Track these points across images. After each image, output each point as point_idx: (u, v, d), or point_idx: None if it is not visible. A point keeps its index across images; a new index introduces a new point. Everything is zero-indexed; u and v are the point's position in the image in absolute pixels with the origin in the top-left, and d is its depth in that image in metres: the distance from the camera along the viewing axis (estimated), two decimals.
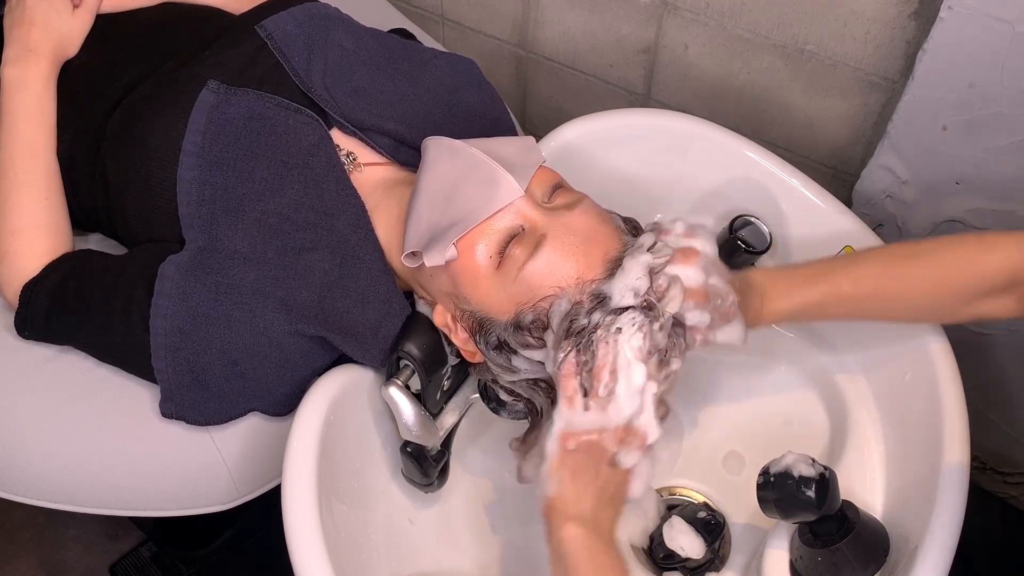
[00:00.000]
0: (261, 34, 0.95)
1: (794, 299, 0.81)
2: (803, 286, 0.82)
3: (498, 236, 0.75)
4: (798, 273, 0.83)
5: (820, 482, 0.73)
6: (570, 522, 0.71)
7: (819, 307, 0.82)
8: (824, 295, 0.81)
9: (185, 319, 0.82)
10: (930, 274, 0.78)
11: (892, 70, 1.05)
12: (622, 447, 0.72)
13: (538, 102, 1.45)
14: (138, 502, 0.90)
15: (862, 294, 0.80)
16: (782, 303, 0.81)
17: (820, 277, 0.82)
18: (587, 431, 0.72)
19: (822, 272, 0.82)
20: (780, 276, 0.83)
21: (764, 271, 0.84)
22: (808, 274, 0.82)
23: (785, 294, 0.81)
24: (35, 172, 0.91)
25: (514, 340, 0.76)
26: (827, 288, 0.81)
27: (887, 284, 0.80)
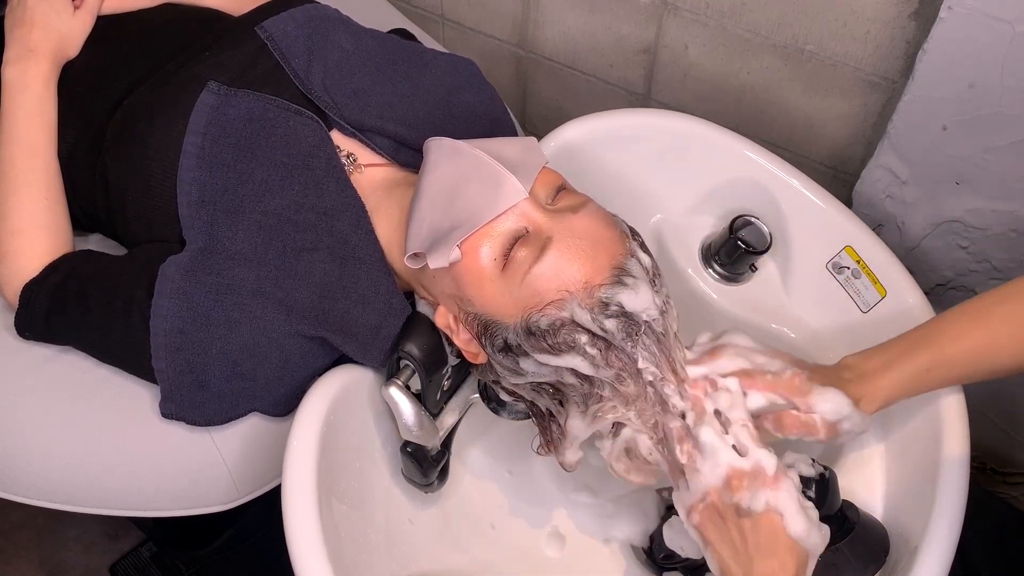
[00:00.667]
0: (261, 35, 0.95)
1: (896, 373, 0.76)
2: (903, 357, 0.76)
3: (502, 238, 0.75)
4: (892, 347, 0.78)
5: (820, 482, 0.73)
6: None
7: (925, 373, 0.76)
8: (927, 361, 0.76)
9: (185, 319, 0.82)
10: (1020, 312, 0.75)
11: (892, 70, 1.05)
12: (737, 494, 0.70)
13: (538, 102, 1.45)
14: (138, 502, 0.90)
15: (966, 352, 0.76)
16: (883, 380, 0.76)
17: (917, 345, 0.76)
18: (701, 498, 0.72)
19: (917, 340, 0.77)
20: (873, 354, 0.78)
21: (855, 354, 0.79)
22: (903, 345, 0.77)
23: (884, 369, 0.76)
24: (35, 172, 0.91)
25: (527, 344, 0.76)
26: (929, 355, 0.76)
27: (986, 334, 0.75)
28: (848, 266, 0.96)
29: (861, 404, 0.75)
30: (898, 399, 0.77)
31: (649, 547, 0.95)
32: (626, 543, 0.95)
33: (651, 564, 0.94)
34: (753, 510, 0.69)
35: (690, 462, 0.72)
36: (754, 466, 0.70)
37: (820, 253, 0.98)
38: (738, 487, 0.70)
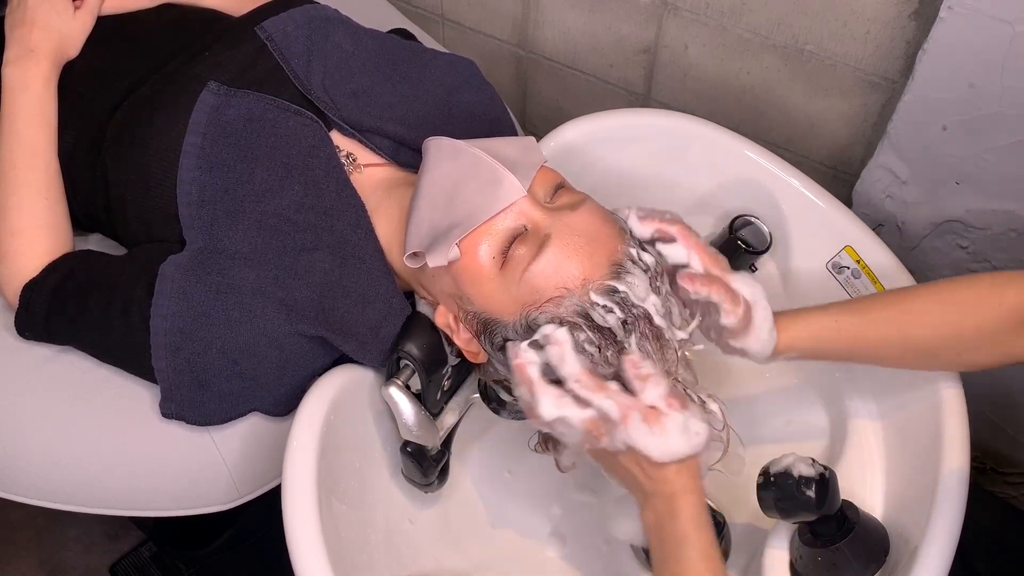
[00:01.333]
0: (261, 36, 0.95)
1: (809, 326, 0.79)
2: (815, 314, 0.80)
3: (501, 236, 0.75)
4: (810, 308, 0.81)
5: (820, 482, 0.73)
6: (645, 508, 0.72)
7: (835, 341, 0.79)
8: (838, 325, 0.79)
9: (185, 319, 0.82)
10: (948, 310, 0.77)
11: (892, 70, 1.05)
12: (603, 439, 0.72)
13: (538, 102, 1.45)
14: (138, 502, 0.90)
15: (881, 332, 0.78)
16: (794, 331, 0.79)
17: (834, 308, 0.80)
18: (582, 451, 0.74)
19: (836, 306, 0.80)
20: (791, 311, 0.81)
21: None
22: (819, 308, 0.80)
23: (797, 321, 0.79)
24: (35, 172, 0.91)
25: None
26: (847, 311, 0.79)
27: (906, 320, 0.78)
28: (848, 266, 0.96)
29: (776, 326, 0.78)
30: (806, 342, 0.79)
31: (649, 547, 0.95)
32: (626, 543, 0.95)
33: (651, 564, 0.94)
34: (619, 450, 0.71)
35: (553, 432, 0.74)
36: (599, 414, 0.71)
37: (820, 253, 0.98)
38: (599, 435, 0.71)
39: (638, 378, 0.71)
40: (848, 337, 0.79)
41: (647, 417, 0.69)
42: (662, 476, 0.70)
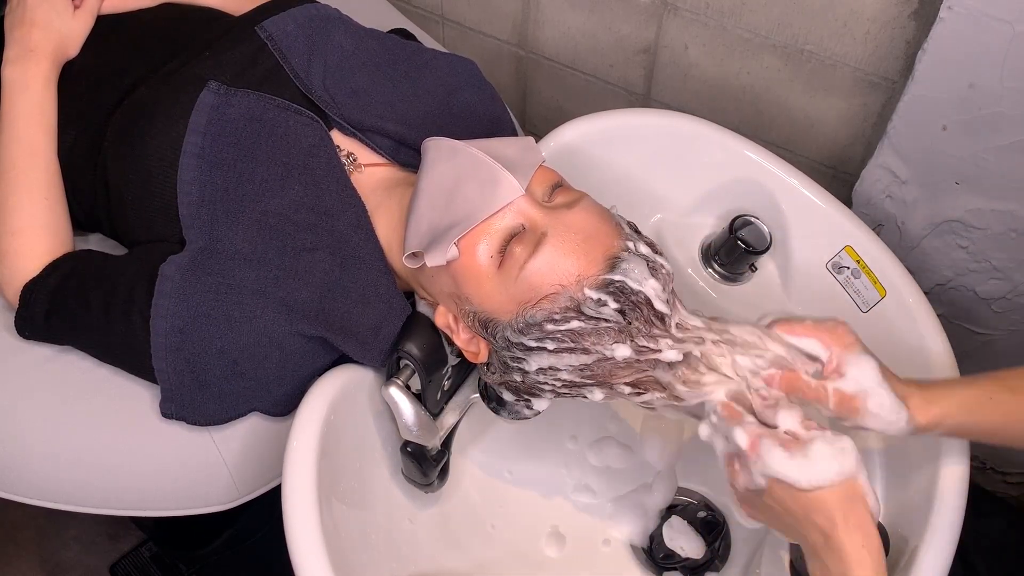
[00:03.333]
0: (261, 35, 0.95)
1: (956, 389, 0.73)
2: (962, 381, 0.73)
3: (499, 235, 0.75)
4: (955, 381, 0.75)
5: None
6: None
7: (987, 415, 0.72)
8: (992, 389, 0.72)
9: (185, 319, 0.82)
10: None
11: (892, 70, 1.05)
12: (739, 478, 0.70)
13: (538, 102, 1.45)
14: (138, 502, 0.90)
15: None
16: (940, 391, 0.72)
17: (977, 376, 0.73)
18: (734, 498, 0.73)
19: (985, 380, 0.73)
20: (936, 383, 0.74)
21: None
22: (966, 381, 0.74)
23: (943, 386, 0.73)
24: (36, 172, 0.91)
25: (526, 339, 0.76)
26: (991, 383, 0.72)
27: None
28: (848, 266, 0.96)
29: (909, 405, 0.71)
30: (955, 418, 0.72)
31: (649, 547, 0.95)
32: (626, 543, 0.95)
33: (651, 564, 0.94)
34: (760, 486, 0.67)
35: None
36: (735, 446, 0.69)
37: (820, 253, 0.98)
38: (736, 474, 0.70)
39: (766, 406, 0.69)
40: (1002, 413, 0.72)
41: (785, 444, 0.65)
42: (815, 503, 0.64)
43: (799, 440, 0.66)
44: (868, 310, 0.94)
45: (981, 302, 1.11)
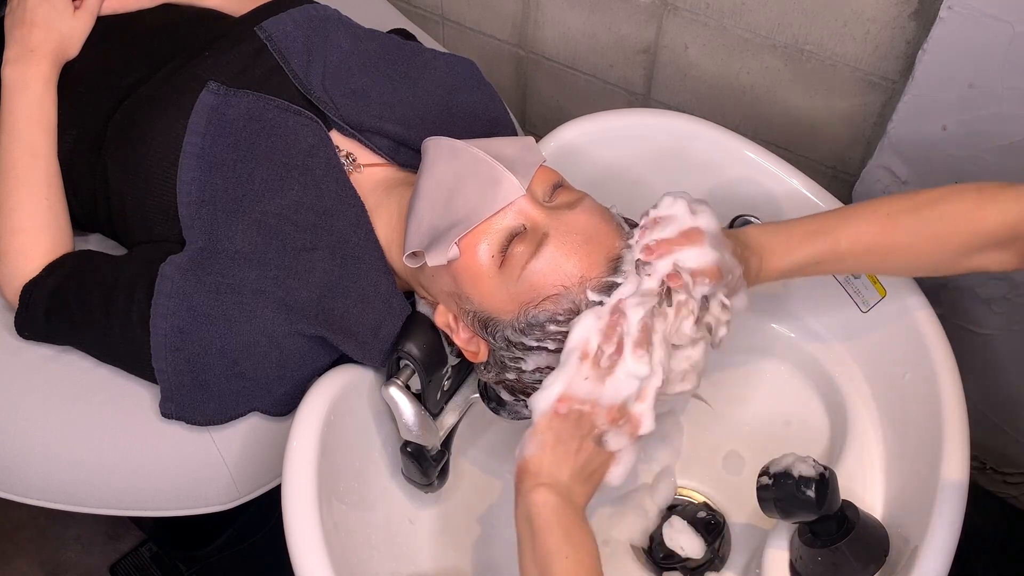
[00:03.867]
0: (261, 36, 0.95)
1: (793, 257, 0.81)
2: (802, 243, 0.81)
3: (500, 235, 0.75)
4: (795, 230, 0.82)
5: (820, 482, 0.73)
6: (543, 487, 0.71)
7: (817, 264, 0.81)
8: (822, 252, 0.80)
9: (185, 319, 0.82)
10: (928, 229, 0.77)
11: (892, 70, 1.05)
12: (612, 428, 0.72)
13: (538, 102, 1.45)
14: (138, 502, 0.90)
15: (860, 250, 0.80)
16: (781, 261, 0.81)
17: (818, 234, 0.80)
18: (582, 400, 0.72)
19: (820, 228, 0.81)
20: (777, 233, 0.82)
21: (760, 228, 0.83)
22: (806, 231, 0.81)
23: (784, 252, 0.81)
24: (36, 172, 0.91)
25: (525, 339, 0.76)
26: (825, 245, 0.80)
27: (886, 240, 0.79)
28: None
29: (750, 280, 0.79)
30: (786, 278, 0.83)
31: (649, 547, 0.95)
32: (626, 543, 0.95)
33: (651, 564, 0.94)
34: (606, 446, 0.72)
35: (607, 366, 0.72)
36: (638, 419, 0.72)
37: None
38: (615, 421, 0.72)
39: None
40: (826, 268, 0.82)
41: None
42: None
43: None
44: (868, 310, 0.94)
45: (981, 302, 1.11)
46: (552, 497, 0.70)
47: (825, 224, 0.81)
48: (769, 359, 1.02)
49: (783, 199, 0.99)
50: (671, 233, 0.75)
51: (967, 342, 1.15)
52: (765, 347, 1.02)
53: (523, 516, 0.71)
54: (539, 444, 0.72)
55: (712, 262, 0.74)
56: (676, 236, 0.75)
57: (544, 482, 0.71)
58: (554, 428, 0.72)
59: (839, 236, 0.80)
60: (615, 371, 0.71)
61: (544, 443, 0.72)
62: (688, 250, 0.74)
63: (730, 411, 1.01)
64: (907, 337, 0.89)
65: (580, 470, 0.72)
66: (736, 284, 0.77)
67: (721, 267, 0.75)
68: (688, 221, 0.76)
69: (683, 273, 0.73)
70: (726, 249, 0.76)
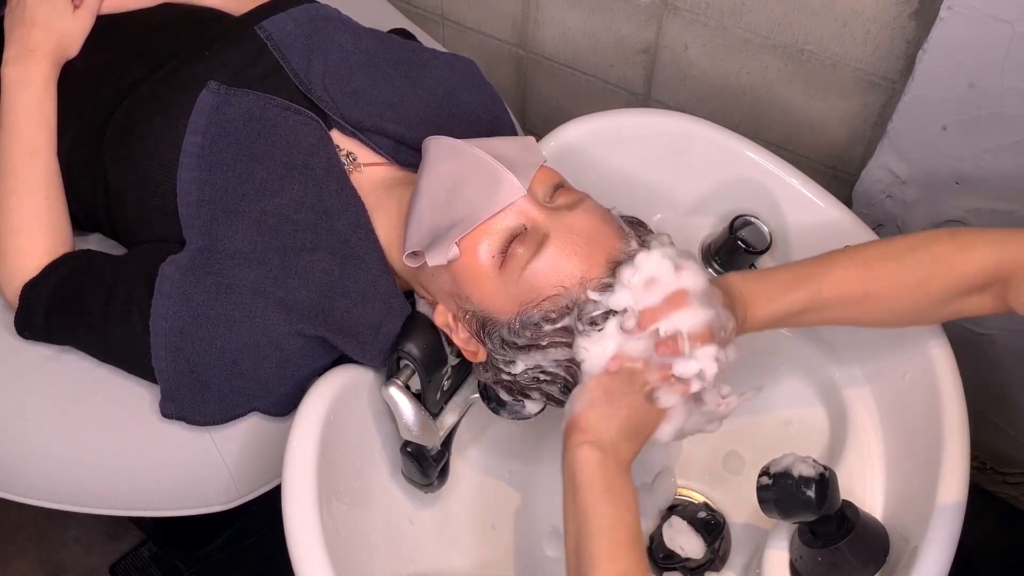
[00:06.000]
0: (261, 35, 0.95)
1: (776, 305, 0.80)
2: (785, 292, 0.80)
3: (500, 235, 0.75)
4: (777, 278, 0.81)
5: (820, 482, 0.73)
6: (588, 444, 0.71)
7: (801, 313, 0.81)
8: (805, 300, 0.80)
9: (185, 319, 0.82)
10: (908, 276, 0.78)
11: (892, 70, 1.05)
12: (664, 384, 0.72)
13: (538, 102, 1.45)
14: (138, 502, 0.90)
15: (842, 298, 0.79)
16: (764, 310, 0.80)
17: (800, 281, 0.80)
18: (634, 358, 0.72)
19: (802, 276, 0.80)
20: (760, 282, 0.81)
21: (741, 276, 0.82)
22: (787, 280, 0.81)
23: (766, 301, 0.80)
24: (35, 172, 0.91)
25: (523, 339, 0.76)
26: (807, 293, 0.80)
27: (866, 287, 0.79)
28: None
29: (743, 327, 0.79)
30: (769, 328, 0.82)
31: (649, 547, 0.95)
32: None
33: (651, 564, 0.94)
34: (657, 402, 0.73)
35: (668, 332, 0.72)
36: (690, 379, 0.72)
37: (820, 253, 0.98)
38: (667, 378, 0.72)
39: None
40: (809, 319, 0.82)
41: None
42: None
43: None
44: None
45: None
46: (596, 454, 0.70)
47: (805, 271, 0.81)
48: (769, 359, 1.02)
49: (783, 199, 0.99)
50: (657, 300, 0.73)
51: (967, 342, 1.15)
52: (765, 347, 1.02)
53: (568, 471, 0.72)
54: (589, 400, 0.73)
55: (702, 324, 0.73)
56: (661, 303, 0.73)
57: (590, 439, 0.71)
58: (604, 384, 0.73)
59: (821, 283, 0.79)
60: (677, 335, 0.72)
61: (593, 400, 0.73)
62: (675, 314, 0.73)
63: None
64: (907, 337, 0.89)
65: (628, 425, 0.72)
66: (729, 338, 0.76)
67: (712, 326, 0.73)
68: (672, 283, 0.74)
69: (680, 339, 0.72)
70: (717, 303, 0.75)
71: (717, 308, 0.75)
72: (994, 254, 0.74)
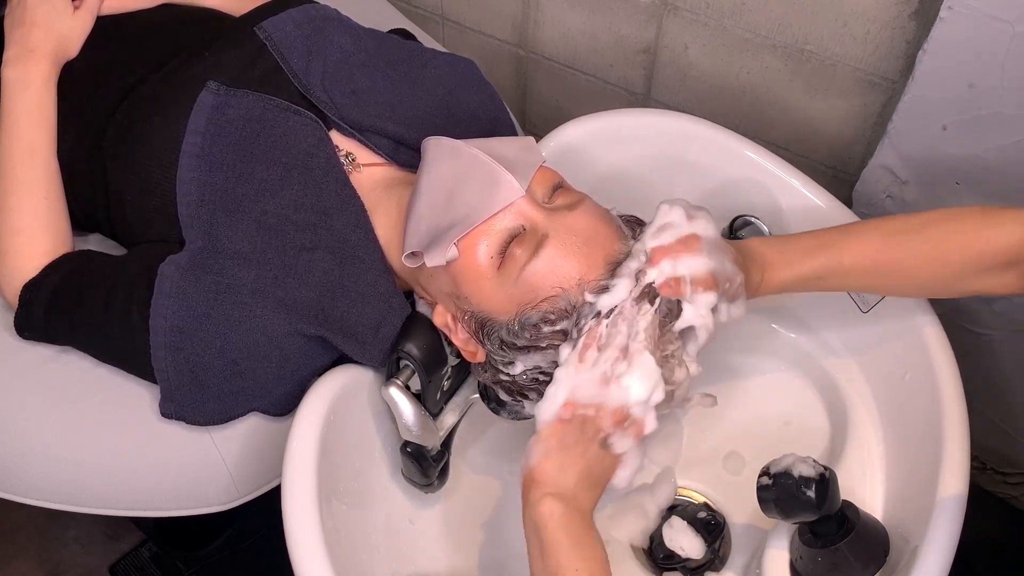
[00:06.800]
0: (260, 36, 0.95)
1: (795, 270, 0.80)
2: (804, 258, 0.80)
3: (499, 236, 0.75)
4: (799, 244, 0.82)
5: (820, 482, 0.73)
6: (549, 497, 0.70)
7: (819, 279, 0.81)
8: (825, 267, 0.80)
9: (185, 319, 0.82)
10: (931, 250, 0.77)
11: (892, 70, 1.05)
12: (617, 430, 0.72)
13: (538, 102, 1.45)
14: (138, 502, 0.90)
15: (862, 267, 0.79)
16: (783, 274, 0.80)
17: (821, 249, 0.80)
18: (585, 404, 0.72)
19: (823, 243, 0.81)
20: (780, 246, 0.82)
21: (763, 240, 0.83)
22: (809, 245, 0.81)
23: (786, 265, 0.80)
24: (35, 172, 0.91)
25: (522, 339, 0.76)
26: (828, 260, 0.80)
27: (888, 258, 0.79)
28: None
29: (750, 292, 0.79)
30: (787, 291, 0.82)
31: (649, 547, 0.95)
32: (626, 543, 0.95)
33: (651, 564, 0.94)
34: (612, 449, 0.72)
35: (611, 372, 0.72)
36: (642, 421, 0.72)
37: None
38: (619, 423, 0.72)
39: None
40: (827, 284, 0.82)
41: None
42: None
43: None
44: (868, 310, 0.94)
45: (981, 302, 1.11)
46: (559, 506, 0.70)
47: (828, 239, 0.81)
48: (769, 359, 1.02)
49: (783, 199, 0.99)
50: (668, 240, 0.75)
51: (967, 342, 1.15)
52: (765, 347, 1.02)
53: (531, 527, 0.71)
54: (544, 451, 0.72)
55: (706, 271, 0.74)
56: (673, 243, 0.74)
57: (550, 491, 0.71)
58: (558, 434, 0.72)
59: (842, 251, 0.79)
60: (618, 377, 0.72)
61: (549, 449, 0.72)
62: (684, 257, 0.74)
63: (730, 411, 1.01)
64: (907, 337, 0.89)
65: (586, 474, 0.72)
66: (735, 292, 0.77)
67: (717, 275, 0.74)
68: (685, 228, 0.75)
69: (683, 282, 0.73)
70: (726, 256, 0.76)
71: (725, 261, 0.75)
72: (1020, 231, 0.73)
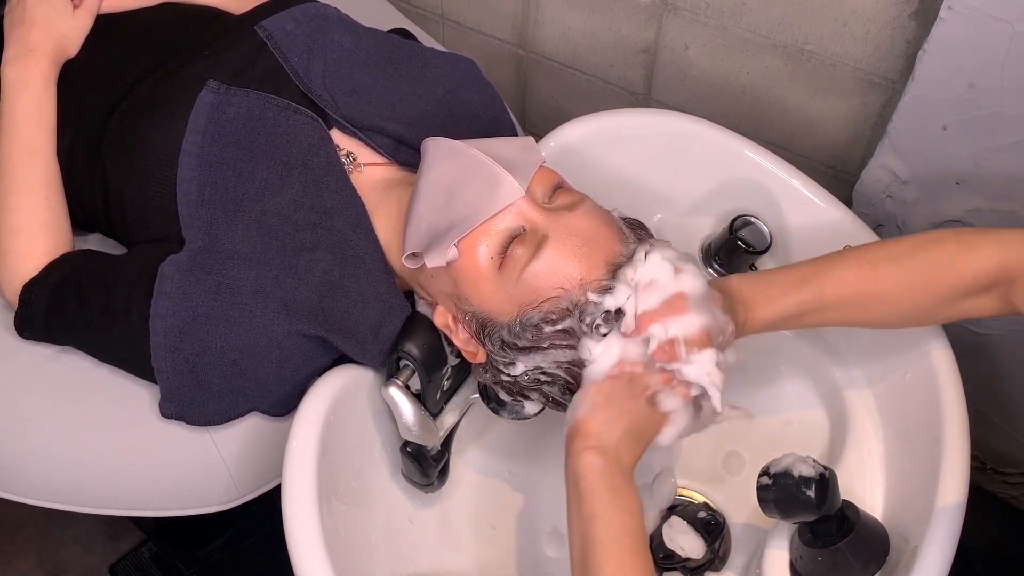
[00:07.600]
0: (261, 34, 0.95)
1: (778, 307, 0.80)
2: (787, 293, 0.80)
3: (499, 237, 0.75)
4: (778, 280, 0.81)
5: (820, 482, 0.73)
6: (591, 450, 0.71)
7: (802, 315, 0.80)
8: (807, 301, 0.79)
9: (185, 319, 0.82)
10: (911, 279, 0.77)
11: (892, 70, 1.05)
12: (665, 387, 0.73)
13: (538, 102, 1.45)
14: (138, 502, 0.90)
15: (845, 299, 0.79)
16: (764, 313, 0.80)
17: (802, 283, 0.80)
18: (635, 362, 0.72)
19: (804, 277, 0.80)
20: (761, 284, 0.81)
21: (742, 278, 0.82)
22: (789, 281, 0.80)
23: (767, 303, 0.80)
24: (35, 172, 0.91)
25: (522, 340, 0.76)
26: (809, 295, 0.79)
27: (868, 287, 0.78)
28: None
29: (744, 329, 0.79)
30: (770, 330, 0.82)
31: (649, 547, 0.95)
32: None
33: None
34: (659, 406, 0.73)
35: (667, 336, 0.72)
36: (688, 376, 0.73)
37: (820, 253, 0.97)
38: (669, 382, 0.73)
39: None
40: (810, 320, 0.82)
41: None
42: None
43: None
44: None
45: None
46: (599, 460, 0.71)
47: (809, 272, 0.80)
48: (770, 359, 1.02)
49: (783, 199, 0.99)
50: (654, 303, 0.73)
51: (967, 342, 1.15)
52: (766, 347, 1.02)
53: (571, 478, 0.72)
54: (591, 406, 0.73)
55: (698, 329, 0.73)
56: (659, 307, 0.73)
57: (592, 444, 0.71)
58: (605, 389, 0.73)
59: (823, 284, 0.79)
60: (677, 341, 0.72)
61: (596, 404, 0.73)
62: (672, 320, 0.73)
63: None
64: (907, 337, 0.89)
65: (631, 430, 0.73)
66: (728, 341, 0.76)
67: (710, 331, 0.73)
68: (671, 286, 0.74)
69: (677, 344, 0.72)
70: (716, 306, 0.75)
71: (716, 312, 0.75)
72: (998, 254, 0.74)
